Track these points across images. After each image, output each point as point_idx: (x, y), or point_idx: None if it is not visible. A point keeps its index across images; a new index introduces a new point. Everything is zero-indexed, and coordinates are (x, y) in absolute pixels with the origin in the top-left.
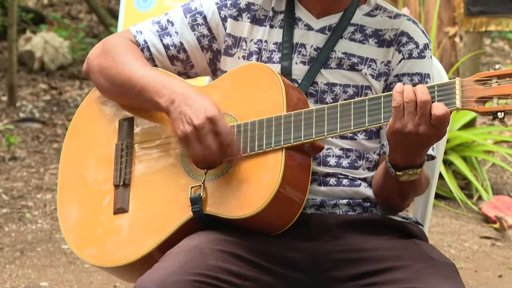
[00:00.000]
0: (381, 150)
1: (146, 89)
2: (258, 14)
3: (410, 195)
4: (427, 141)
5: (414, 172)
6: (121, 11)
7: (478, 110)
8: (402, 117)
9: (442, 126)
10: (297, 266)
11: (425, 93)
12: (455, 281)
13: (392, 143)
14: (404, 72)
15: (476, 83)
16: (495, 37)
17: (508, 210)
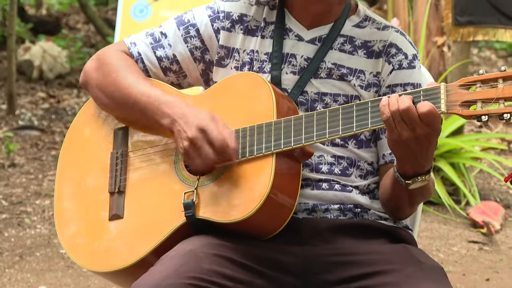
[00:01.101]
0: (382, 160)
1: (147, 108)
2: (250, 25)
3: (418, 201)
4: (428, 141)
5: (423, 179)
6: (118, 21)
7: (463, 113)
8: (394, 128)
9: (434, 121)
10: (289, 269)
11: (405, 101)
12: (443, 284)
13: (397, 154)
14: (396, 82)
15: (461, 88)
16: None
17: (495, 215)
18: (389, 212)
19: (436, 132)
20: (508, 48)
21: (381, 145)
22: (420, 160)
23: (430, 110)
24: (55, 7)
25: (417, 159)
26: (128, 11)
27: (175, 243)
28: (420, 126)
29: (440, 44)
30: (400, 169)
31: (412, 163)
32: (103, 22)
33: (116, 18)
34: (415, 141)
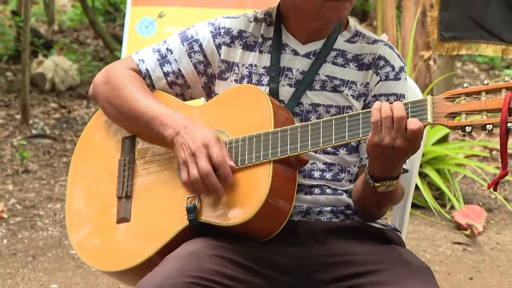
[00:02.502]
0: (360, 163)
1: (152, 122)
2: (248, 40)
3: (386, 205)
4: (404, 154)
5: (391, 184)
6: (124, 37)
7: (448, 124)
8: (380, 132)
9: (417, 139)
10: (286, 269)
11: (401, 109)
12: (430, 283)
13: (372, 156)
14: (381, 92)
15: (446, 100)
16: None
17: (478, 218)
18: (359, 212)
19: (414, 149)
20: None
21: (361, 149)
22: (391, 167)
23: (419, 128)
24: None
25: (389, 165)
26: (134, 27)
27: (178, 245)
28: (403, 139)
29: (426, 58)
30: (371, 171)
31: (383, 168)
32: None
33: (123, 33)
34: (393, 149)
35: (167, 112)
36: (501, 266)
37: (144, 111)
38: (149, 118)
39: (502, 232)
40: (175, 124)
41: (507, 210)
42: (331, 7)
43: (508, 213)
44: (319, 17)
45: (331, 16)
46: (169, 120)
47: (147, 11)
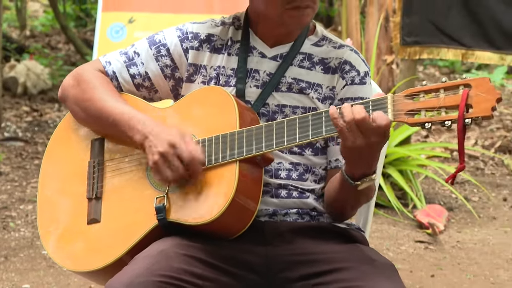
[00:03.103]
0: (329, 166)
1: (120, 124)
2: (216, 44)
3: (361, 202)
4: (379, 148)
5: (370, 179)
6: (95, 41)
7: (408, 121)
8: (349, 137)
9: (387, 131)
10: (253, 268)
11: (360, 112)
12: (395, 279)
13: (350, 159)
14: (347, 96)
15: (406, 98)
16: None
17: (439, 217)
18: (331, 214)
19: (386, 139)
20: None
21: (330, 150)
22: (370, 163)
23: (387, 123)
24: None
25: (367, 162)
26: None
27: (148, 244)
28: (374, 135)
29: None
30: (349, 172)
31: (361, 166)
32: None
33: (94, 38)
34: (367, 148)
35: (134, 115)
36: (461, 263)
37: (112, 113)
38: (117, 121)
39: (463, 231)
40: (142, 128)
41: (467, 209)
42: (292, 15)
43: (468, 212)
44: (282, 24)
45: (293, 24)
46: (136, 124)
47: (117, 16)
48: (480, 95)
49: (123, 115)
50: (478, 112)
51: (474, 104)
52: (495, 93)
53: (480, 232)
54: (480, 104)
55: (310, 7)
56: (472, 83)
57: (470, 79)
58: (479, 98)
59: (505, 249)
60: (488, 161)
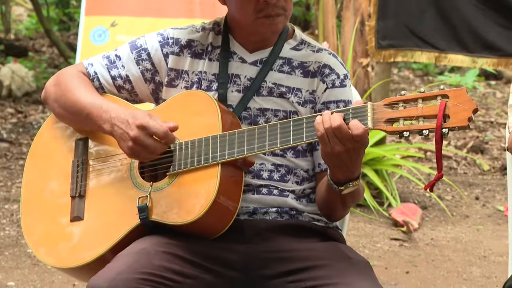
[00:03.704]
0: (318, 168)
1: (91, 115)
2: (197, 49)
3: (350, 204)
4: (356, 154)
5: (354, 185)
6: (78, 45)
7: (387, 130)
8: (328, 143)
9: (363, 139)
10: (233, 265)
11: (336, 119)
12: (370, 276)
13: (330, 165)
14: (330, 99)
15: (385, 107)
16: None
17: (414, 215)
18: (325, 215)
19: (364, 146)
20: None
21: (317, 155)
22: (351, 168)
23: (362, 132)
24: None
25: (348, 168)
26: (88, 35)
27: (130, 242)
28: (350, 142)
29: (364, 65)
30: (333, 177)
31: (343, 172)
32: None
33: (77, 42)
34: (346, 154)
35: (104, 105)
36: (435, 260)
37: (84, 106)
38: (88, 112)
39: (436, 229)
40: (107, 116)
41: (440, 208)
42: (263, 23)
43: (442, 210)
44: (255, 32)
45: (265, 31)
46: (105, 113)
47: (100, 20)
48: (457, 106)
49: (93, 106)
50: (455, 122)
51: (451, 115)
52: (472, 104)
53: (453, 230)
54: (457, 114)
55: (282, 15)
56: (450, 94)
57: (447, 90)
58: (457, 108)
59: (477, 247)
60: (461, 161)
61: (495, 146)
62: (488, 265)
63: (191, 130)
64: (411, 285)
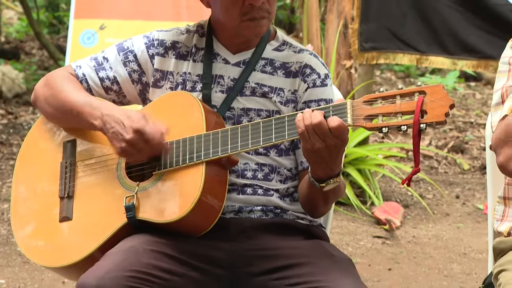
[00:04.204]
0: (301, 166)
1: (82, 112)
2: (181, 50)
3: (332, 200)
4: (337, 150)
5: (334, 181)
6: (68, 47)
7: (366, 126)
8: (308, 139)
9: (342, 134)
10: (218, 263)
11: (317, 116)
12: (352, 273)
13: (311, 162)
14: (311, 99)
15: (365, 104)
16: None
17: (396, 213)
18: (307, 211)
19: (344, 142)
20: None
21: (299, 153)
22: (331, 165)
23: (339, 124)
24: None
25: (328, 165)
26: (77, 38)
27: (118, 241)
28: (330, 138)
29: (348, 67)
30: (314, 174)
31: (324, 169)
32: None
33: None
34: (326, 150)
35: (95, 103)
36: (417, 257)
37: (74, 104)
38: (79, 110)
39: (418, 227)
40: (98, 113)
41: (422, 206)
42: (248, 26)
43: (423, 208)
44: (239, 34)
45: (250, 34)
46: (94, 110)
47: (89, 23)
48: (434, 102)
49: (84, 103)
50: (432, 117)
51: (428, 110)
52: (448, 99)
53: (434, 228)
54: (434, 110)
55: (266, 18)
56: (427, 90)
57: (425, 87)
58: (434, 104)
59: (457, 244)
60: (442, 160)
61: (475, 146)
62: (468, 262)
63: (176, 130)
64: (394, 281)
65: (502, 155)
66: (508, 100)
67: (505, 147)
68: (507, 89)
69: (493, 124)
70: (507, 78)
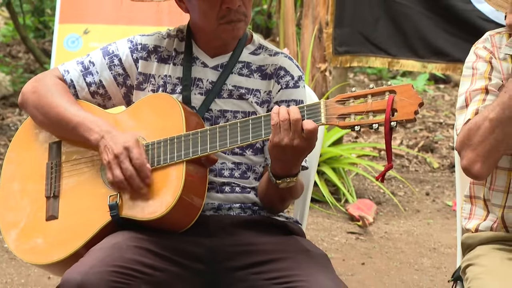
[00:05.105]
0: (265, 163)
1: (79, 127)
2: (163, 54)
3: (287, 199)
4: (301, 153)
5: (291, 180)
6: (53, 51)
7: (339, 124)
8: (279, 133)
9: (312, 138)
10: (199, 258)
11: (297, 112)
12: (327, 268)
13: (273, 156)
14: (282, 99)
15: (337, 103)
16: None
17: (369, 210)
18: (264, 206)
19: (310, 147)
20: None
21: (265, 149)
22: (291, 165)
23: (313, 127)
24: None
25: (288, 164)
26: (62, 42)
27: (103, 238)
28: (300, 138)
29: (323, 70)
30: (273, 169)
31: (283, 166)
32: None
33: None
34: (292, 149)
35: (92, 119)
36: (389, 252)
37: (71, 118)
38: (75, 124)
39: (390, 223)
40: (99, 129)
41: (394, 203)
42: (226, 29)
43: (395, 205)
44: (217, 37)
45: (227, 37)
46: (94, 126)
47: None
48: (404, 100)
49: (80, 119)
50: (402, 115)
51: (398, 109)
52: (417, 98)
53: (405, 224)
54: (404, 108)
55: (243, 21)
56: (397, 89)
57: (395, 86)
58: (403, 103)
59: (427, 239)
60: (412, 159)
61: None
62: (438, 257)
63: (157, 131)
64: (367, 275)
65: (465, 159)
66: (472, 104)
67: (468, 151)
68: (471, 93)
69: (458, 127)
70: (470, 82)
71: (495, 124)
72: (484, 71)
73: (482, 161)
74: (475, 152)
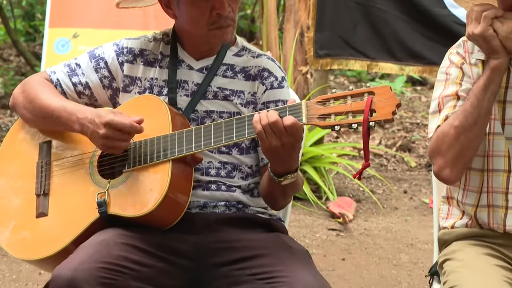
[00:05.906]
0: (261, 163)
1: (60, 117)
2: (149, 57)
3: (290, 194)
4: (292, 148)
5: (292, 176)
6: (43, 54)
7: (320, 124)
8: (266, 139)
9: (296, 132)
10: (185, 254)
11: (273, 115)
12: (309, 263)
13: (269, 159)
14: (270, 100)
15: (318, 104)
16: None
17: (349, 208)
18: (268, 204)
19: (298, 140)
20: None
21: (259, 150)
22: (288, 162)
23: (293, 122)
24: None
25: (286, 161)
26: (52, 46)
27: (91, 235)
28: (286, 136)
29: (304, 72)
30: (273, 169)
31: (281, 165)
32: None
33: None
34: (282, 148)
35: (72, 108)
36: (368, 248)
37: (52, 110)
38: (59, 115)
39: (369, 220)
40: (74, 117)
41: (373, 201)
42: (215, 34)
43: (374, 203)
44: (206, 42)
45: (216, 42)
46: (69, 114)
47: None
48: (382, 101)
49: (61, 109)
50: (381, 116)
51: (377, 109)
52: (395, 99)
53: (384, 221)
54: (382, 109)
55: (231, 26)
56: (375, 90)
57: (373, 88)
58: (381, 103)
59: (405, 235)
60: (391, 158)
61: (421, 145)
62: (415, 252)
63: (144, 130)
64: (347, 270)
65: (436, 166)
66: (444, 110)
67: (438, 158)
68: (443, 99)
69: (430, 130)
70: (443, 87)
71: (460, 131)
72: (456, 77)
73: (451, 167)
74: (444, 159)
